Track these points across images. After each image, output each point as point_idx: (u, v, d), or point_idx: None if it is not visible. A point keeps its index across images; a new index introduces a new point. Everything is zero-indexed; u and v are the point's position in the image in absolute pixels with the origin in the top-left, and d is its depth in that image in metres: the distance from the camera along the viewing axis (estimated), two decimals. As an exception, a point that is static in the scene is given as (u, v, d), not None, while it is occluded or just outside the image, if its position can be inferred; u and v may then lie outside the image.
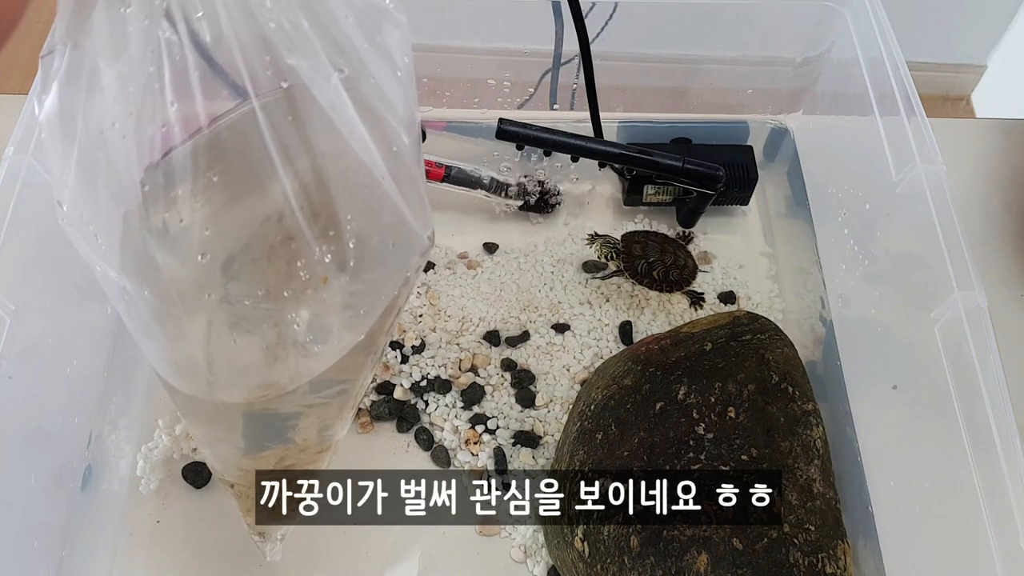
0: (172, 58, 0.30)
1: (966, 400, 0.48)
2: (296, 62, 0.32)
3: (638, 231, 0.70)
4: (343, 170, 0.36)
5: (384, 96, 0.38)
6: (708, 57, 0.75)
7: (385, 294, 0.42)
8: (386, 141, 0.38)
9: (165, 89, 0.31)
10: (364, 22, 0.36)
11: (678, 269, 0.68)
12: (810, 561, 0.51)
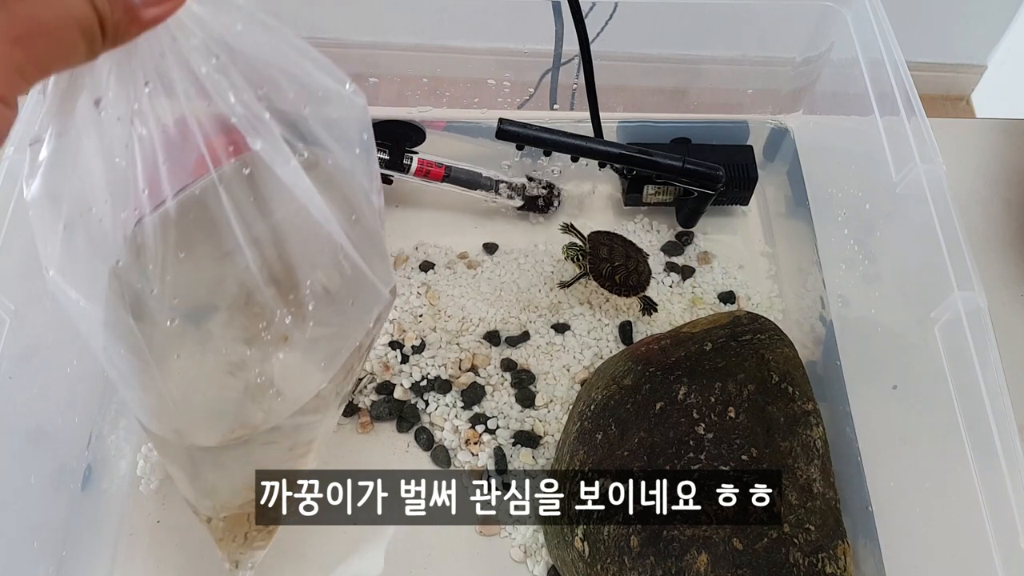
0: (144, 151, 0.34)
1: (966, 400, 0.48)
2: (259, 146, 0.35)
3: (604, 232, 0.70)
4: (303, 238, 0.40)
5: (343, 170, 0.42)
6: (708, 57, 0.75)
7: (346, 347, 0.46)
8: (346, 210, 0.42)
9: (138, 178, 0.34)
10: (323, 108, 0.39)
11: (636, 275, 0.68)
12: (810, 561, 0.51)
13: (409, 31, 0.72)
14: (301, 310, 0.41)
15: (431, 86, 0.74)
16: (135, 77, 0.32)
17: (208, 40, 0.33)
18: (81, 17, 0.27)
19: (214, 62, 0.34)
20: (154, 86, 0.33)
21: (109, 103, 0.32)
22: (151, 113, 0.33)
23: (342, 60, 0.72)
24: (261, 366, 0.42)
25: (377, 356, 0.68)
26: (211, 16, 0.33)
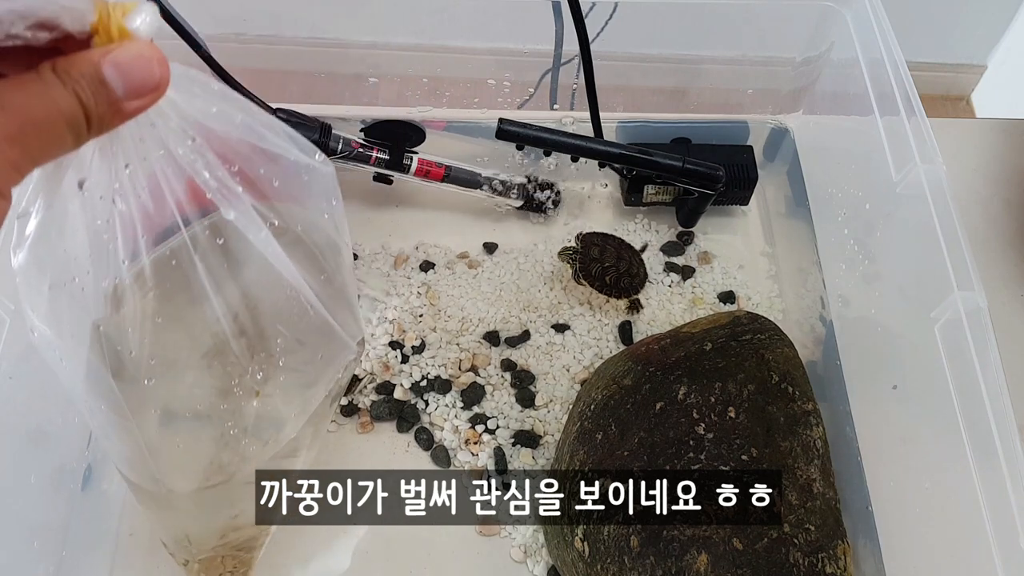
0: (124, 226, 0.36)
1: (966, 400, 0.48)
2: (232, 216, 0.38)
3: (598, 233, 0.70)
4: (274, 299, 0.43)
5: (313, 234, 0.46)
6: (708, 57, 0.75)
7: (316, 396, 0.49)
8: (315, 270, 0.46)
9: (118, 251, 0.37)
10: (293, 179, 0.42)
11: (629, 277, 0.68)
12: (810, 561, 0.51)
13: (409, 31, 0.72)
14: (272, 365, 0.45)
15: (431, 86, 0.74)
16: (116, 159, 0.35)
17: (184, 123, 0.36)
18: (69, 112, 0.29)
19: (190, 143, 0.36)
20: (134, 167, 0.35)
21: (92, 183, 0.35)
22: (131, 190, 0.36)
23: (342, 60, 0.73)
24: (234, 417, 0.45)
25: (377, 356, 0.68)
26: (187, 101, 0.36)
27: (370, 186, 0.72)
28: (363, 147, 0.69)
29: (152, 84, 0.31)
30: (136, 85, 0.31)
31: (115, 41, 0.31)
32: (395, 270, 0.73)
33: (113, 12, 0.31)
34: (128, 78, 0.31)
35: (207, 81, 0.37)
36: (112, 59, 0.30)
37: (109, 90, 0.30)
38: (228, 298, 0.42)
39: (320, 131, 0.67)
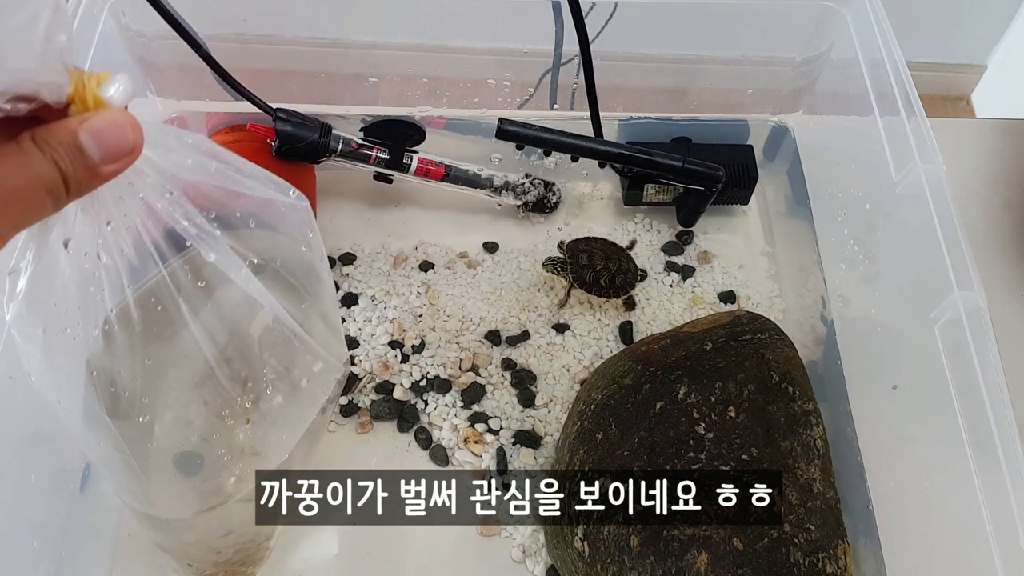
0: (110, 278, 0.39)
1: (966, 400, 0.48)
2: (212, 259, 0.41)
3: (581, 239, 0.71)
4: (258, 332, 0.46)
5: (292, 266, 0.48)
6: (708, 57, 0.75)
7: (306, 418, 0.51)
8: (297, 299, 0.49)
9: (106, 301, 0.39)
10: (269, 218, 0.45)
11: (623, 274, 0.68)
12: (810, 561, 0.51)
13: (409, 31, 0.72)
14: (260, 392, 0.47)
15: (431, 86, 0.74)
16: (99, 217, 0.37)
17: (161, 178, 0.38)
18: (47, 179, 0.31)
19: (168, 196, 0.39)
20: (116, 223, 0.38)
21: (77, 241, 0.37)
22: (115, 245, 0.38)
23: (342, 60, 0.73)
24: (227, 444, 0.47)
25: (377, 356, 0.68)
26: (162, 157, 0.38)
27: (370, 185, 0.72)
28: (363, 146, 0.69)
29: (127, 148, 0.33)
30: (112, 150, 0.33)
31: (91, 109, 0.33)
32: (395, 270, 0.73)
33: (88, 82, 0.33)
34: (104, 144, 0.33)
35: (180, 135, 0.39)
36: (88, 127, 0.32)
37: (86, 156, 0.32)
38: (214, 334, 0.44)
39: (320, 131, 0.67)
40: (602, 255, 0.69)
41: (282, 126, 0.66)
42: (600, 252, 0.69)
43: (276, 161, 0.68)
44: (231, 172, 0.41)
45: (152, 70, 0.71)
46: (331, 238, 0.74)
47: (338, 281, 0.72)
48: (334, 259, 0.73)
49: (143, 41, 0.68)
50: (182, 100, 0.74)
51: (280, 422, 0.49)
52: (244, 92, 0.65)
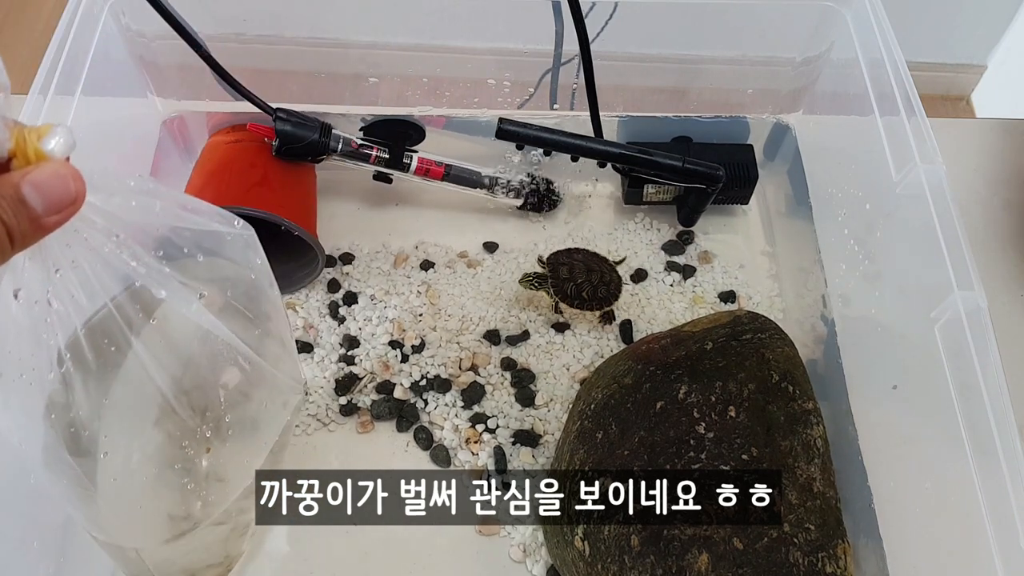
0: (62, 323, 0.39)
1: (966, 400, 0.48)
2: (163, 295, 0.42)
3: (562, 251, 0.70)
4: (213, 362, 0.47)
5: (243, 294, 0.49)
6: (708, 57, 0.75)
7: (267, 441, 0.52)
8: (251, 326, 0.50)
9: (59, 346, 0.40)
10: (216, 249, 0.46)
11: (605, 285, 0.67)
12: (810, 561, 0.51)
13: (409, 31, 0.72)
14: (219, 420, 0.48)
15: (431, 86, 0.74)
16: (47, 265, 0.38)
17: (107, 223, 0.39)
18: None
19: (115, 239, 0.39)
20: (64, 270, 0.38)
21: (26, 291, 0.38)
22: (65, 291, 0.39)
23: (342, 60, 0.73)
24: (190, 473, 0.48)
25: (377, 355, 0.68)
26: (106, 202, 0.38)
27: (370, 185, 0.72)
28: (363, 146, 0.69)
29: (69, 199, 0.34)
30: (54, 201, 0.34)
31: (32, 163, 0.34)
32: (395, 269, 0.73)
33: (29, 137, 0.34)
34: (46, 196, 0.33)
35: (124, 178, 0.40)
36: (30, 180, 0.33)
37: (29, 208, 0.33)
38: (169, 368, 0.45)
39: (320, 130, 0.67)
40: (583, 267, 0.68)
41: (282, 126, 0.66)
42: (581, 264, 0.68)
43: (276, 160, 0.68)
44: (176, 209, 0.43)
45: (152, 70, 0.71)
46: (331, 237, 0.74)
47: (338, 280, 0.72)
48: (334, 258, 0.73)
49: (143, 41, 0.68)
50: (182, 100, 0.74)
51: (241, 448, 0.51)
52: (244, 92, 0.65)
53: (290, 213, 0.65)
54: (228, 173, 0.68)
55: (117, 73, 0.68)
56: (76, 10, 0.61)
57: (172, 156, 0.75)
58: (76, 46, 0.60)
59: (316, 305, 0.70)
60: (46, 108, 0.56)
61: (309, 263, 0.69)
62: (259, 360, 0.49)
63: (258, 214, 0.63)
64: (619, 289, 0.68)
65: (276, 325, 0.52)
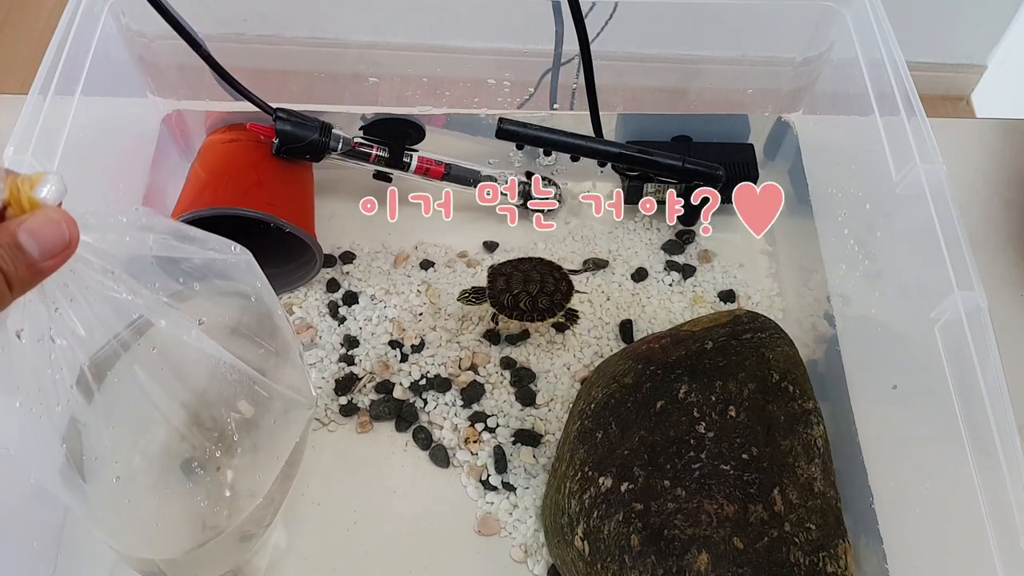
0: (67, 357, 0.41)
1: (966, 400, 0.48)
2: (163, 324, 0.43)
3: (507, 261, 0.68)
4: (218, 386, 0.48)
5: (244, 318, 0.50)
6: (708, 57, 0.75)
7: (280, 456, 0.53)
8: (254, 347, 0.51)
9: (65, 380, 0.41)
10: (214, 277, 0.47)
11: (546, 296, 0.65)
12: (811, 560, 0.51)
13: (409, 31, 0.72)
14: (228, 441, 0.49)
15: (431, 86, 0.74)
16: (46, 303, 0.39)
17: (102, 261, 0.40)
18: None
19: (111, 275, 0.41)
20: (63, 309, 0.40)
21: (28, 331, 0.39)
22: (66, 328, 0.40)
23: (342, 60, 0.73)
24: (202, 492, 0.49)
25: (377, 355, 0.68)
26: (99, 239, 0.40)
27: (370, 184, 0.72)
28: (363, 145, 0.69)
29: (63, 243, 0.36)
30: (49, 246, 0.35)
31: (27, 211, 0.35)
32: (395, 269, 0.73)
33: (22, 186, 0.35)
34: (42, 241, 0.35)
35: (116, 215, 0.41)
36: (26, 227, 0.35)
37: (26, 254, 0.35)
38: (175, 394, 0.47)
39: (320, 130, 0.67)
40: (521, 277, 0.66)
41: (282, 126, 0.66)
42: (520, 274, 0.66)
43: (273, 159, 0.68)
44: (170, 241, 0.44)
45: (152, 70, 0.71)
46: (331, 237, 0.74)
47: (338, 280, 0.72)
48: (335, 258, 0.73)
49: (143, 41, 0.68)
50: (182, 100, 0.74)
51: (252, 465, 0.51)
52: (244, 92, 0.65)
53: (288, 212, 0.65)
54: (225, 174, 0.68)
55: (117, 73, 0.68)
56: (76, 10, 0.61)
57: (172, 155, 0.75)
58: (76, 46, 0.60)
59: (315, 305, 0.70)
60: (46, 108, 0.56)
61: (307, 262, 0.69)
62: (266, 380, 0.50)
63: (256, 215, 0.63)
64: (567, 298, 0.66)
65: (282, 343, 0.53)
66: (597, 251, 0.74)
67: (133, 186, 0.70)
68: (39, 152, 0.54)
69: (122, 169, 0.69)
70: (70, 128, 0.58)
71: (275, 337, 0.52)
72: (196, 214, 0.62)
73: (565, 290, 0.66)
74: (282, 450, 0.53)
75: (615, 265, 0.73)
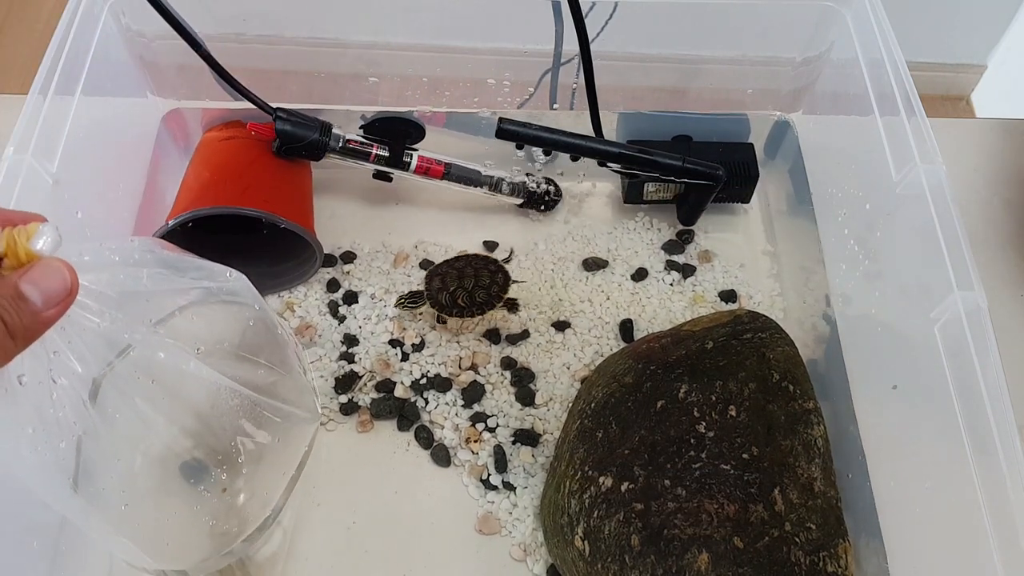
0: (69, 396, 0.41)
1: (966, 400, 0.48)
2: (161, 356, 0.44)
3: (443, 262, 0.69)
4: (220, 411, 0.49)
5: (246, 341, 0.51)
6: (708, 57, 0.75)
7: (284, 473, 0.54)
8: (257, 368, 0.51)
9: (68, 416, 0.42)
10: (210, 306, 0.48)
11: (482, 289, 0.66)
12: (811, 560, 0.51)
13: (409, 31, 0.72)
14: (233, 463, 0.50)
15: (431, 86, 0.74)
16: (45, 348, 0.39)
17: (98, 303, 0.41)
18: None
19: (108, 315, 0.41)
20: (61, 351, 0.40)
21: (29, 376, 0.40)
22: (66, 367, 0.41)
23: (342, 60, 0.73)
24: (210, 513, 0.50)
25: (377, 354, 0.68)
26: (95, 280, 0.41)
27: (370, 183, 0.72)
28: (363, 144, 0.69)
29: (65, 291, 0.37)
30: (51, 295, 0.36)
31: (24, 264, 0.36)
32: (395, 268, 0.73)
33: (19, 239, 0.36)
34: (44, 290, 0.36)
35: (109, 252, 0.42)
36: (28, 278, 0.36)
37: (30, 304, 0.35)
38: (177, 420, 0.47)
39: (320, 129, 0.67)
40: (456, 274, 0.66)
41: (282, 125, 0.66)
42: (455, 272, 0.67)
43: (272, 157, 0.68)
44: (163, 274, 0.45)
45: (152, 70, 0.71)
46: (331, 236, 0.74)
47: (338, 279, 0.72)
48: (335, 257, 0.73)
49: (143, 41, 0.68)
50: (182, 100, 0.74)
51: (258, 485, 0.52)
52: (244, 92, 0.65)
53: (287, 210, 0.65)
54: (224, 172, 0.68)
55: (117, 73, 0.68)
56: (76, 10, 0.61)
57: (171, 154, 0.75)
58: (76, 46, 0.60)
59: (315, 304, 0.70)
60: (46, 108, 0.56)
61: (307, 260, 0.69)
62: (269, 401, 0.50)
63: (255, 213, 0.63)
64: (504, 288, 0.67)
65: (284, 362, 0.53)
66: (597, 251, 0.74)
67: (133, 186, 0.70)
68: (39, 152, 0.54)
69: (122, 169, 0.69)
70: (70, 128, 0.58)
71: (277, 357, 0.53)
72: (196, 213, 0.62)
73: (502, 282, 0.67)
74: (288, 466, 0.54)
75: (615, 265, 0.73)
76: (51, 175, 0.55)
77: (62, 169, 0.56)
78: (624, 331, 0.69)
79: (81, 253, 0.40)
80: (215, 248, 0.69)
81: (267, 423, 0.51)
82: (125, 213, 0.68)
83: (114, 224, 0.67)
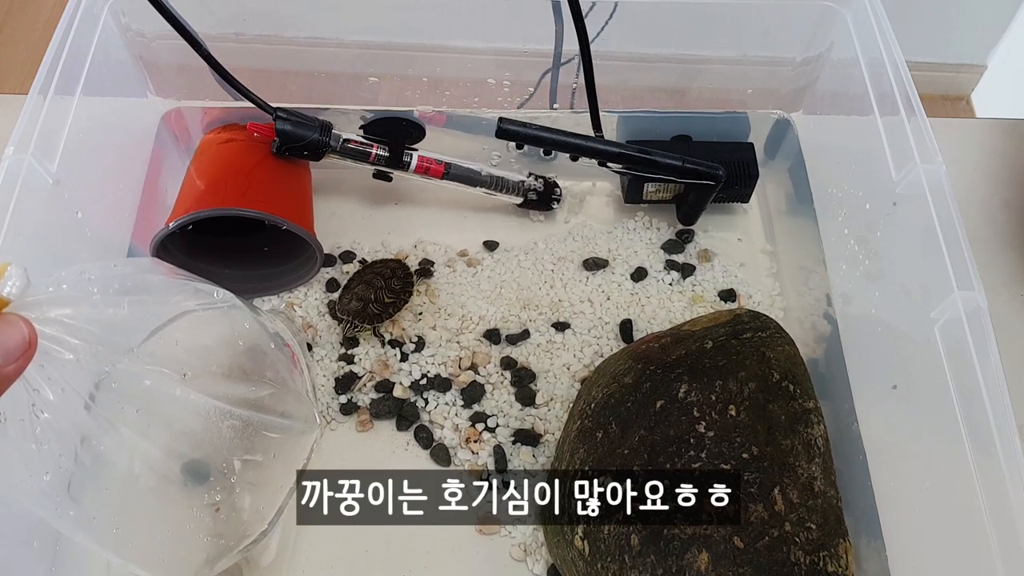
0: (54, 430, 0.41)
1: (966, 400, 0.48)
2: (147, 383, 0.44)
3: (350, 279, 0.69)
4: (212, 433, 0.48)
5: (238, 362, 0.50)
6: (708, 57, 0.75)
7: (282, 485, 0.53)
8: (251, 385, 0.50)
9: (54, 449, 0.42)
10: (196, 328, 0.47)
11: (387, 291, 0.67)
12: (811, 560, 0.51)
13: (409, 31, 0.72)
14: (225, 483, 0.49)
15: (431, 86, 0.74)
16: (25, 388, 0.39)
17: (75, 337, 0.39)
18: None
19: (92, 349, 0.40)
20: (41, 388, 0.39)
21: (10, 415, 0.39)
22: (49, 402, 0.40)
23: (342, 60, 0.73)
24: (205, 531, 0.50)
25: (377, 354, 0.68)
26: (72, 314, 0.39)
27: (370, 183, 0.73)
28: (363, 144, 0.69)
29: (24, 345, 0.36)
30: (10, 351, 0.35)
31: None
32: (395, 269, 0.73)
33: None
34: (2, 345, 0.35)
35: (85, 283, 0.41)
36: None
37: None
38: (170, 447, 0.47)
39: (320, 129, 0.67)
40: (366, 287, 0.67)
41: (282, 125, 0.66)
42: (363, 285, 0.67)
43: (271, 158, 0.68)
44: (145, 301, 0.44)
45: (152, 70, 0.71)
46: (331, 236, 0.74)
47: (338, 279, 0.72)
48: (335, 257, 0.73)
49: (143, 41, 0.68)
50: (182, 100, 0.74)
51: (256, 500, 0.52)
52: (244, 92, 0.65)
53: (287, 211, 0.65)
54: (224, 174, 0.68)
55: (117, 73, 0.68)
56: (76, 10, 0.61)
57: (171, 154, 0.75)
58: (76, 46, 0.60)
59: (315, 304, 0.70)
60: (46, 108, 0.56)
61: (307, 261, 0.69)
62: (264, 418, 0.50)
63: (256, 214, 0.63)
64: (409, 287, 0.69)
65: (279, 375, 0.53)
66: (597, 250, 0.74)
67: (133, 185, 0.70)
68: (39, 152, 0.54)
69: (122, 169, 0.69)
70: (70, 128, 0.58)
71: (271, 371, 0.52)
72: (196, 216, 0.62)
73: (405, 277, 0.69)
74: (287, 478, 0.54)
75: (615, 264, 0.73)
76: (51, 175, 0.55)
77: (62, 169, 0.56)
78: (624, 331, 0.69)
79: (60, 282, 0.39)
80: (215, 250, 0.69)
81: (262, 440, 0.51)
82: (125, 213, 0.68)
83: (114, 224, 0.67)
